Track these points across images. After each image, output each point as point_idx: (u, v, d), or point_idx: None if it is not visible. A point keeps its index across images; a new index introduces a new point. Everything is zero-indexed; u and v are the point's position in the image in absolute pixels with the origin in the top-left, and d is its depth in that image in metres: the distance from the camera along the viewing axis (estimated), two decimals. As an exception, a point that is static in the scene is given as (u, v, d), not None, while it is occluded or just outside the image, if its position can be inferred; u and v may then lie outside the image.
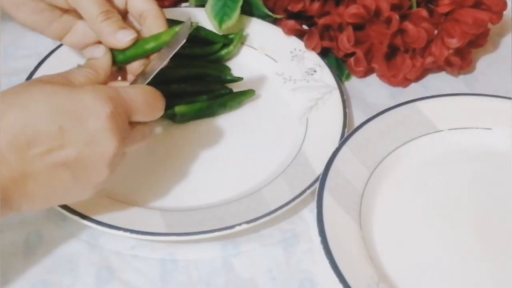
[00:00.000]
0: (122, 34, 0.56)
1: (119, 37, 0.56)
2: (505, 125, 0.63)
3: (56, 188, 0.48)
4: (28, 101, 0.47)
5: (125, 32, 0.56)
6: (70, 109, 0.47)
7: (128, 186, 0.59)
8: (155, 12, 0.58)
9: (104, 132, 0.47)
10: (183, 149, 0.63)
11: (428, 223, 0.57)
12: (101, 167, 0.49)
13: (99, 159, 0.48)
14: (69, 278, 0.54)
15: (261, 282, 0.54)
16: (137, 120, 0.51)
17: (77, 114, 0.47)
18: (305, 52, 0.70)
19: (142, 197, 0.58)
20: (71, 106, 0.47)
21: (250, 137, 0.65)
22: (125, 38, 0.56)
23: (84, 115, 0.47)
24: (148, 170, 0.61)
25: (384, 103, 0.67)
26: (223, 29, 0.71)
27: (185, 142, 0.64)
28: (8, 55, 0.72)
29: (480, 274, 0.53)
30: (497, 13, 0.68)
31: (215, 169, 0.62)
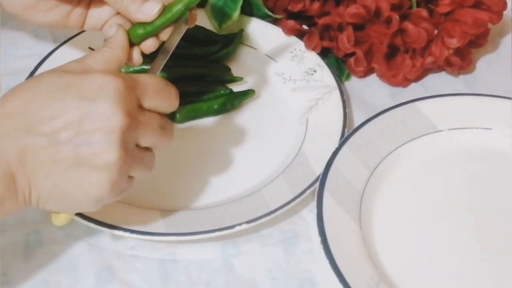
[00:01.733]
0: (147, 8, 0.53)
1: (145, 11, 0.53)
2: (505, 125, 0.63)
3: (60, 168, 0.45)
4: (34, 83, 0.46)
5: (150, 4, 0.53)
6: (74, 85, 0.45)
7: (128, 186, 0.59)
8: None
9: (108, 105, 0.44)
10: (183, 149, 0.63)
11: (428, 223, 0.57)
12: (108, 145, 0.44)
13: (104, 134, 0.44)
14: (69, 278, 0.54)
15: (261, 282, 0.54)
16: (150, 106, 0.48)
17: (80, 88, 0.45)
18: (305, 52, 0.70)
19: (142, 197, 0.58)
20: (77, 82, 0.45)
21: (250, 137, 0.65)
22: (152, 11, 0.53)
23: (89, 87, 0.45)
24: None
25: (384, 103, 0.67)
26: (223, 29, 0.71)
27: (185, 142, 0.64)
28: (8, 55, 0.72)
29: (480, 274, 0.53)
30: (497, 13, 0.68)
31: (215, 169, 0.62)
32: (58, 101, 0.44)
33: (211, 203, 0.58)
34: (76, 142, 0.44)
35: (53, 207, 0.48)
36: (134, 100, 0.46)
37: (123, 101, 0.45)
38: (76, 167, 0.45)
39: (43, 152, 0.44)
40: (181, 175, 0.61)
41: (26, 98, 0.45)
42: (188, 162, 0.62)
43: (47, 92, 0.45)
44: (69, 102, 0.44)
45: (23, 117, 0.44)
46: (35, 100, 0.45)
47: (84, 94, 0.44)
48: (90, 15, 0.59)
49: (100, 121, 0.44)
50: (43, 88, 0.45)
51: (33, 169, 0.45)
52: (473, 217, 0.57)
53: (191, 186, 0.60)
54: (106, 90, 0.45)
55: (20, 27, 0.74)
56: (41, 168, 0.45)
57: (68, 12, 0.58)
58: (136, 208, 0.57)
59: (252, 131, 0.65)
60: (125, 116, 0.45)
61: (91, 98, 0.44)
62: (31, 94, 0.45)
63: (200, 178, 0.61)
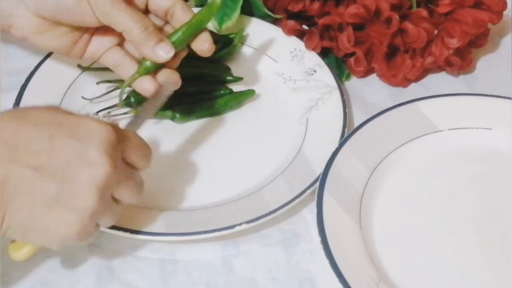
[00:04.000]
0: (161, 51, 0.57)
1: (158, 53, 0.57)
2: (505, 125, 0.63)
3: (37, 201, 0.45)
4: (30, 114, 0.46)
5: (164, 48, 0.57)
6: (66, 125, 0.46)
7: (128, 186, 0.59)
8: (181, 5, 0.59)
9: (98, 152, 0.45)
10: (183, 149, 0.63)
11: (428, 223, 0.57)
12: (89, 189, 0.45)
13: (88, 179, 0.45)
14: (69, 278, 0.54)
15: (261, 282, 0.54)
16: (131, 160, 0.49)
17: (72, 130, 0.45)
18: (305, 52, 0.70)
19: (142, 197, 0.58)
20: (69, 123, 0.46)
21: (250, 137, 0.65)
22: (165, 55, 0.57)
23: (81, 132, 0.45)
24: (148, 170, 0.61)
25: (384, 103, 0.67)
26: (223, 29, 0.70)
27: (185, 142, 0.64)
28: (8, 55, 0.72)
29: (480, 273, 0.53)
30: (497, 13, 0.68)
31: (215, 169, 0.62)
32: (48, 136, 0.45)
33: (211, 203, 0.58)
34: (59, 180, 0.45)
35: (20, 238, 0.48)
36: (120, 152, 0.48)
37: (112, 152, 0.46)
38: (53, 204, 0.45)
39: (25, 183, 0.45)
40: (181, 175, 0.61)
41: (14, 127, 0.45)
42: (188, 162, 0.62)
43: (37, 125, 0.45)
44: (60, 140, 0.45)
45: (10, 145, 0.44)
46: (24, 130, 0.45)
47: (76, 136, 0.45)
48: (92, 43, 0.61)
49: (87, 165, 0.45)
50: (32, 121, 0.45)
51: (11, 197, 0.45)
52: (473, 217, 0.57)
53: (191, 186, 0.60)
54: (98, 137, 0.45)
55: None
56: (20, 198, 0.45)
57: (76, 39, 0.60)
58: (136, 208, 0.57)
59: (252, 131, 0.65)
60: (111, 166, 0.46)
61: (82, 141, 0.45)
62: (20, 124, 0.45)
63: (200, 178, 0.61)
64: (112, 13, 0.56)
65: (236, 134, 0.65)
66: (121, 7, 0.56)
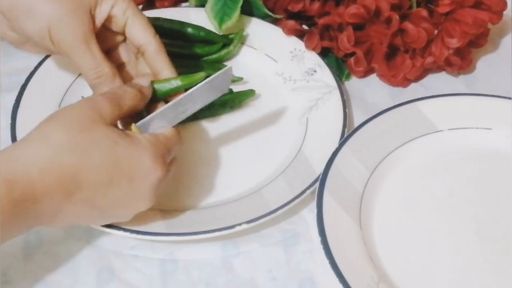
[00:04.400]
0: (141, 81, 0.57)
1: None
2: (505, 125, 0.63)
3: (81, 220, 0.51)
4: (89, 147, 0.48)
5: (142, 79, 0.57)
6: (126, 166, 0.49)
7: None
8: (155, 47, 0.58)
9: (147, 194, 0.51)
10: (183, 149, 0.63)
11: (428, 223, 0.57)
12: (127, 217, 0.53)
13: (129, 213, 0.52)
14: (69, 278, 0.54)
15: (261, 282, 0.54)
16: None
17: (131, 173, 0.49)
18: (305, 52, 0.70)
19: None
20: (128, 163, 0.49)
21: (250, 137, 0.65)
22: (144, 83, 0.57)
23: (138, 176, 0.50)
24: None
25: (384, 103, 0.67)
26: (223, 29, 0.70)
27: (185, 142, 0.64)
28: (8, 55, 0.72)
29: (480, 274, 0.53)
30: (497, 13, 0.68)
31: (215, 169, 0.62)
32: (108, 180, 0.48)
33: (211, 203, 0.58)
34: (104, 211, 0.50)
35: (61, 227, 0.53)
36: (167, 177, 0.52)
37: (157, 191, 0.52)
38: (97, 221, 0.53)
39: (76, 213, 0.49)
40: (181, 175, 0.61)
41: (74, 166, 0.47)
42: (188, 162, 0.62)
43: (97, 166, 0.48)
44: (118, 182, 0.49)
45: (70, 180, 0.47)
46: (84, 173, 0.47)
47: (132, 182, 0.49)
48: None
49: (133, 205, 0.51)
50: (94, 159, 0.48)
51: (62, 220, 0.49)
52: (473, 217, 0.57)
53: (191, 186, 0.60)
54: (150, 179, 0.50)
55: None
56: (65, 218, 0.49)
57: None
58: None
59: (252, 131, 0.65)
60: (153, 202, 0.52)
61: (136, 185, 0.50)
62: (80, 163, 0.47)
63: (200, 178, 0.61)
64: (71, 55, 0.56)
65: (236, 134, 0.65)
66: (80, 50, 0.55)
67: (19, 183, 0.45)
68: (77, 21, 0.54)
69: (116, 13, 0.57)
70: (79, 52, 0.55)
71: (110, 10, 0.57)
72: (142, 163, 0.50)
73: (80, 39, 0.55)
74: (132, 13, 0.58)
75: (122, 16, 0.57)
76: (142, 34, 0.58)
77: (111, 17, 0.57)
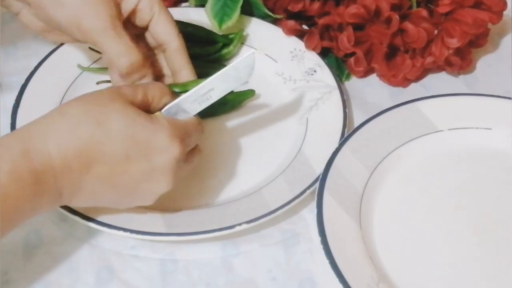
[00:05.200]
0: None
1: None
2: (505, 125, 0.63)
3: (102, 199, 0.51)
4: (106, 119, 0.48)
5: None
6: (143, 142, 0.49)
7: (128, 186, 0.59)
8: (177, 46, 0.58)
9: (166, 172, 0.50)
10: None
11: (428, 223, 0.57)
12: (148, 199, 0.52)
13: (149, 193, 0.52)
14: (69, 278, 0.54)
15: (261, 282, 0.54)
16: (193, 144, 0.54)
17: (148, 148, 0.49)
18: (305, 52, 0.70)
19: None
20: (145, 139, 0.49)
21: (250, 137, 0.65)
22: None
23: (155, 151, 0.49)
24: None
25: (384, 103, 0.67)
26: (223, 29, 0.70)
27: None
28: (8, 55, 0.72)
29: (480, 274, 0.53)
30: (497, 13, 0.68)
31: (215, 169, 0.62)
32: (125, 156, 0.48)
33: (211, 203, 0.58)
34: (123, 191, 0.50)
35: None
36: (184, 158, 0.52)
37: (177, 171, 0.51)
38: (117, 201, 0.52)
39: (96, 191, 0.49)
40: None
41: (91, 137, 0.47)
42: (188, 162, 0.62)
43: (115, 141, 0.48)
44: (134, 163, 0.49)
45: (86, 152, 0.47)
46: (101, 144, 0.48)
47: (149, 157, 0.49)
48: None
49: (152, 184, 0.50)
50: (112, 134, 0.48)
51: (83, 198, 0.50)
52: (473, 217, 0.57)
53: (191, 186, 0.60)
54: (168, 156, 0.50)
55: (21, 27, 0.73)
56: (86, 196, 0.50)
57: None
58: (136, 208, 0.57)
59: (252, 131, 0.65)
60: (173, 182, 0.51)
61: (153, 161, 0.49)
62: (97, 135, 0.47)
63: (200, 178, 0.61)
64: (101, 44, 0.56)
65: (236, 134, 0.65)
66: (109, 37, 0.55)
67: (39, 157, 0.46)
68: (105, 9, 0.55)
69: (143, 7, 0.57)
70: (109, 40, 0.55)
71: (137, 3, 0.56)
72: (158, 139, 0.49)
73: (110, 27, 0.55)
74: (158, 8, 0.58)
75: (149, 11, 0.57)
76: (166, 31, 0.58)
77: (137, 11, 0.57)
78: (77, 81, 0.67)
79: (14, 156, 0.45)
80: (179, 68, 0.59)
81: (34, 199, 0.46)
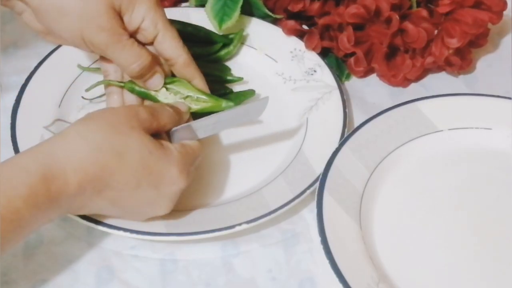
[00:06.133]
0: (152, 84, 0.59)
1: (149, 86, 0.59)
2: (505, 125, 0.63)
3: (103, 213, 0.53)
4: (124, 149, 0.49)
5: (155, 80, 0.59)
6: (155, 174, 0.51)
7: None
8: (184, 60, 0.59)
9: (169, 200, 0.53)
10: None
11: (428, 223, 0.57)
12: (144, 217, 0.54)
13: (148, 214, 0.54)
14: (69, 278, 0.54)
15: (261, 282, 0.54)
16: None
17: (158, 179, 0.51)
18: (305, 52, 0.70)
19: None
20: (158, 171, 0.51)
21: (250, 137, 0.65)
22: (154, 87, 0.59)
23: (164, 182, 0.51)
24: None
25: (384, 103, 0.67)
26: (223, 29, 0.70)
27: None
28: (8, 55, 0.72)
29: (480, 274, 0.53)
30: (497, 13, 0.68)
31: (215, 169, 0.62)
32: (136, 185, 0.50)
33: (211, 203, 0.58)
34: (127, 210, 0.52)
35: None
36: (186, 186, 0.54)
37: (178, 197, 0.54)
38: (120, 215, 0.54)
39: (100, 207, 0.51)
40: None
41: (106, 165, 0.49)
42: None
43: (129, 169, 0.49)
44: (144, 192, 0.51)
45: (102, 179, 0.49)
46: (114, 173, 0.49)
47: (158, 188, 0.51)
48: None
49: (155, 209, 0.53)
50: (126, 162, 0.49)
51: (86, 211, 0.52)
52: (473, 217, 0.57)
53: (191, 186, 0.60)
54: (175, 188, 0.52)
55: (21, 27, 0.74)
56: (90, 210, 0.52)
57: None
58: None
59: (252, 131, 0.65)
60: (172, 208, 0.54)
61: (161, 191, 0.52)
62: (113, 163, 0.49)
63: (200, 178, 0.61)
64: (109, 55, 0.56)
65: (236, 134, 0.65)
66: (116, 49, 0.55)
67: (56, 182, 0.46)
68: (109, 20, 0.54)
69: (147, 27, 0.56)
70: (116, 52, 0.56)
71: (140, 22, 0.56)
72: (170, 173, 0.51)
73: (115, 40, 0.55)
74: (163, 26, 0.57)
75: (153, 29, 0.57)
76: (173, 48, 0.58)
77: (141, 30, 0.57)
78: (77, 81, 0.67)
79: (33, 181, 0.46)
80: (190, 79, 0.60)
81: (45, 219, 0.48)
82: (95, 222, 0.54)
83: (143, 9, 0.56)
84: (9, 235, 0.45)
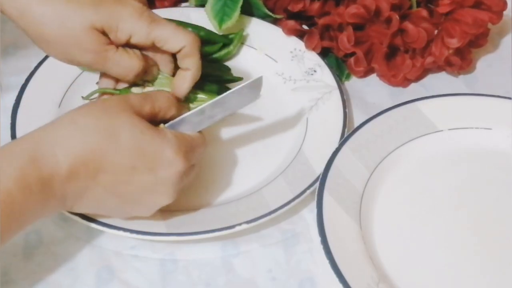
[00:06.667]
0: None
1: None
2: (505, 125, 0.63)
3: (103, 206, 0.52)
4: (115, 130, 0.49)
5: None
6: (149, 155, 0.49)
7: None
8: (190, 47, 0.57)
9: (168, 186, 0.51)
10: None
11: (428, 223, 0.57)
12: (148, 210, 0.53)
13: (150, 205, 0.53)
14: (69, 278, 0.54)
15: (261, 282, 0.54)
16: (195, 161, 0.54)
17: (153, 161, 0.50)
18: (305, 52, 0.70)
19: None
20: (151, 152, 0.50)
21: (250, 137, 0.65)
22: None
23: (160, 165, 0.50)
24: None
25: (384, 103, 0.67)
26: (223, 29, 0.71)
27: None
28: (8, 54, 0.72)
29: (480, 273, 0.53)
30: (497, 13, 0.68)
31: (215, 169, 0.62)
32: (131, 167, 0.49)
33: (211, 203, 0.58)
34: (126, 199, 0.51)
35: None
36: (190, 175, 0.53)
37: (179, 184, 0.52)
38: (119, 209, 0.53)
39: (98, 198, 0.50)
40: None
41: (99, 147, 0.48)
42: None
43: (122, 151, 0.49)
44: (140, 175, 0.49)
45: (94, 161, 0.48)
46: (108, 155, 0.48)
47: (154, 170, 0.50)
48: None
49: (154, 196, 0.51)
50: (119, 144, 0.48)
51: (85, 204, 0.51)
52: (473, 217, 0.57)
53: (191, 187, 0.60)
54: (172, 171, 0.50)
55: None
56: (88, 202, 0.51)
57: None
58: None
59: (252, 131, 0.65)
60: (175, 197, 0.52)
61: (158, 174, 0.50)
62: (105, 145, 0.48)
63: (200, 178, 0.61)
64: (100, 71, 0.57)
65: (236, 134, 0.65)
66: (106, 65, 0.55)
67: (47, 164, 0.46)
68: (92, 42, 0.54)
69: (137, 41, 0.56)
70: (107, 67, 0.56)
71: (128, 39, 0.55)
72: (165, 153, 0.50)
73: (102, 56, 0.55)
74: (156, 31, 0.56)
75: (146, 40, 0.56)
76: (175, 42, 0.57)
77: (133, 45, 0.56)
78: (77, 81, 0.67)
79: (23, 163, 0.46)
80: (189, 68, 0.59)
81: (39, 205, 0.47)
82: (95, 222, 0.54)
83: (127, 27, 0.55)
84: (4, 219, 0.45)
